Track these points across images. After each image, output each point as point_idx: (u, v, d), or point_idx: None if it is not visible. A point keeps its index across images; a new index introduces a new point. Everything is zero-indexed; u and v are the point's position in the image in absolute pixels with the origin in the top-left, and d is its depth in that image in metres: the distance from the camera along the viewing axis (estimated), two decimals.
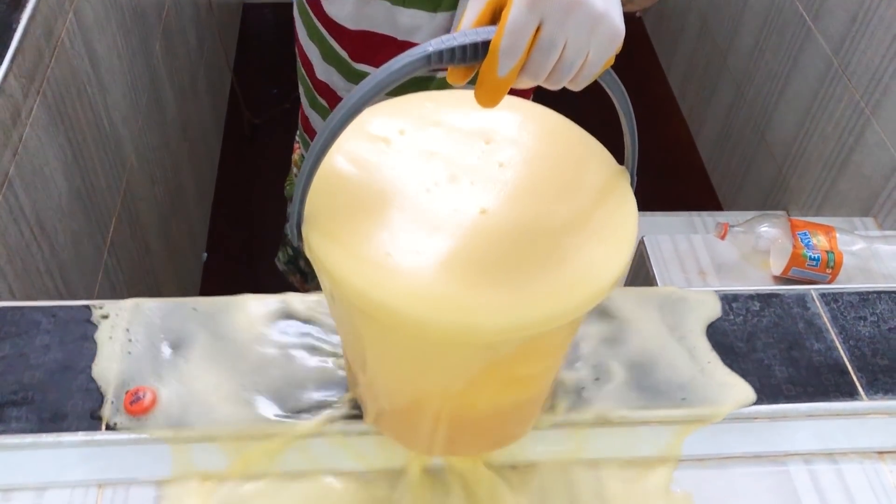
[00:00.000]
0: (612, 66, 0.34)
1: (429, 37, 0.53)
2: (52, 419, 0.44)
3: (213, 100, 1.56)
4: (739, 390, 0.48)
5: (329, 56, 0.66)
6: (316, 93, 0.71)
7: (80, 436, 0.43)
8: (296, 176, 0.92)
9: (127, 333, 0.47)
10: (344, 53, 0.64)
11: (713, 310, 0.51)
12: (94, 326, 0.48)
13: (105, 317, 0.48)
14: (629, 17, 0.35)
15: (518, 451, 0.46)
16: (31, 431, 0.43)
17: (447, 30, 0.61)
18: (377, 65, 0.40)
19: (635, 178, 0.38)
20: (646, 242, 0.85)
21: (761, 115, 1.42)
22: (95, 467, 0.44)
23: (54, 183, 0.74)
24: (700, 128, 1.71)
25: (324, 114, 0.73)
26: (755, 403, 0.47)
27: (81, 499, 0.43)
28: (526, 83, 0.33)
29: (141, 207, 1.02)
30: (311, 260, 0.35)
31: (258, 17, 2.01)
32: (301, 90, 0.76)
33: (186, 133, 1.31)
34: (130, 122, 0.99)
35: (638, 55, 1.96)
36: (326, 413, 0.45)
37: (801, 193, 1.28)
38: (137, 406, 0.44)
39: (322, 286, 0.37)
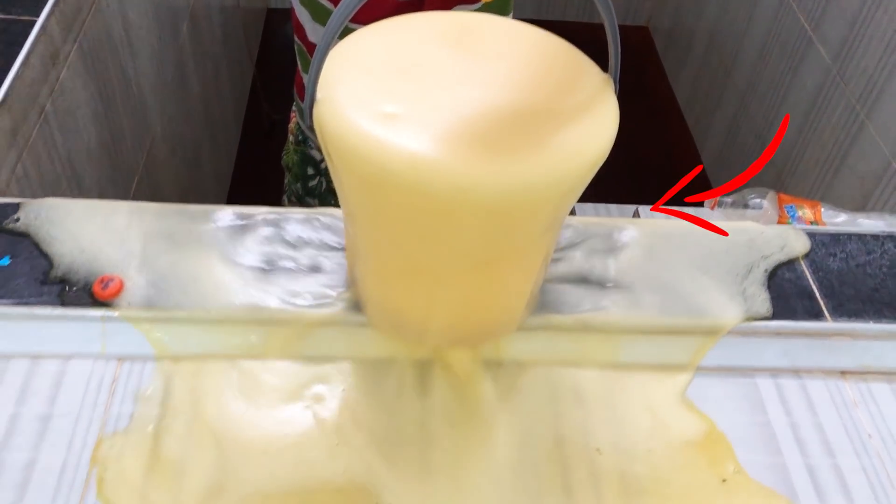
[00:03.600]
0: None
1: None
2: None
3: (235, 93, 1.61)
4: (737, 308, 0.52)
5: (319, 16, 0.70)
6: (309, 56, 0.76)
7: (101, 311, 0.48)
8: (293, 145, 0.97)
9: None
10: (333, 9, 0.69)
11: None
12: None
13: None
14: (639, 33, 0.39)
15: (505, 349, 0.50)
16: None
17: None
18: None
19: (618, 85, 0.43)
20: (639, 213, 0.89)
21: (763, 124, 1.46)
22: (115, 342, 0.48)
23: (85, 129, 0.79)
24: (704, 139, 1.75)
25: None
26: None
27: (102, 369, 0.47)
28: None
29: (161, 175, 1.07)
30: (318, 134, 0.39)
31: (281, 21, 2.07)
32: (298, 59, 0.81)
33: (208, 118, 1.36)
34: (156, 91, 1.04)
35: (647, 70, 2.01)
36: (326, 306, 0.49)
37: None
38: (109, 291, 0.48)
39: (329, 164, 0.42)
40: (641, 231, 0.56)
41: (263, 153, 1.72)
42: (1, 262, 0.50)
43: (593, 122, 0.39)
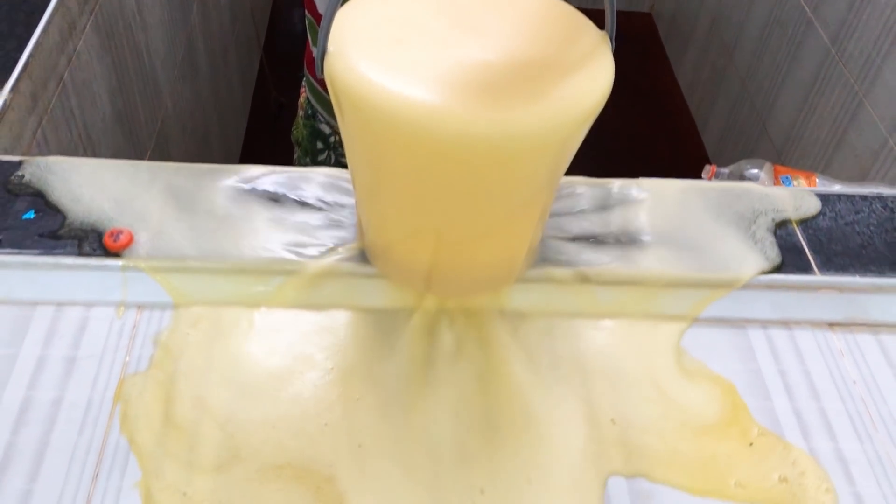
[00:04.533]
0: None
1: None
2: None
3: (242, 75, 1.64)
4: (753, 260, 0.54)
5: None
6: (318, 27, 0.78)
7: (121, 261, 0.50)
8: (302, 119, 0.99)
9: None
10: None
11: None
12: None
13: None
14: (642, 20, 0.41)
15: (506, 300, 0.52)
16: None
17: None
18: None
19: (614, 42, 0.45)
20: None
21: (763, 107, 1.48)
22: (135, 290, 0.50)
23: (100, 99, 0.81)
24: (706, 123, 1.77)
25: None
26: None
27: (123, 315, 0.50)
28: None
29: (172, 152, 1.10)
30: (329, 84, 0.42)
31: (289, 7, 2.10)
32: (308, 32, 0.83)
33: (217, 99, 1.38)
34: (167, 69, 1.06)
35: (649, 55, 2.03)
36: (335, 257, 0.52)
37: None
38: (120, 243, 0.50)
39: (338, 114, 0.44)
40: (643, 188, 0.58)
41: (271, 136, 1.74)
42: (25, 215, 0.52)
43: (590, 75, 0.42)
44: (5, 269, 0.50)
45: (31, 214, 0.52)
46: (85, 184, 0.54)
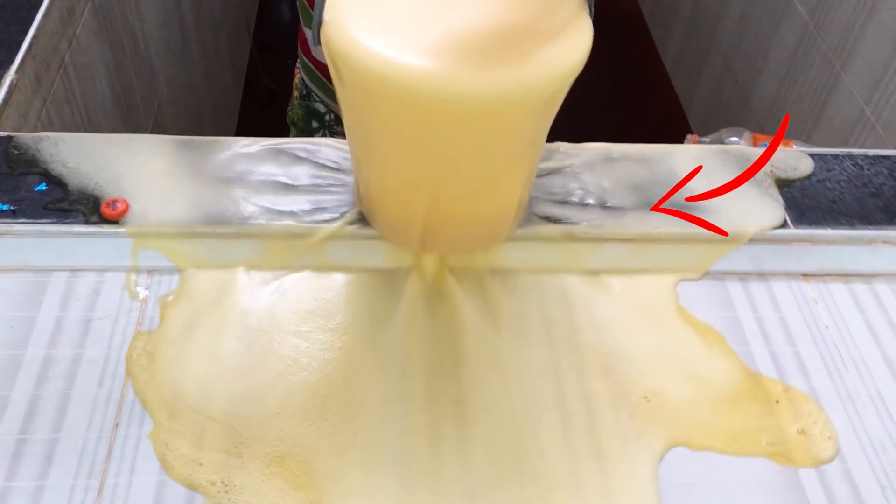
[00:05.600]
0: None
1: None
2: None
3: (233, 62, 1.66)
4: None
5: None
6: (310, 9, 0.81)
7: (132, 228, 0.53)
8: (297, 100, 1.02)
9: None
10: None
11: None
12: None
13: None
14: (627, 1, 0.44)
15: (497, 258, 0.55)
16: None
17: None
18: None
19: (593, 9, 0.48)
20: None
21: (746, 83, 1.51)
22: (145, 256, 0.53)
23: (99, 83, 0.84)
24: (691, 103, 1.80)
25: None
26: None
27: (134, 279, 0.52)
28: None
29: (170, 134, 1.12)
30: (326, 51, 0.44)
31: None
32: (300, 14, 0.85)
33: (210, 85, 1.40)
34: (162, 55, 1.09)
35: (634, 37, 2.05)
36: (335, 220, 0.54)
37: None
38: (118, 211, 0.53)
39: (335, 79, 0.47)
40: (627, 151, 0.61)
41: (264, 120, 1.76)
42: (38, 187, 0.55)
43: (570, 39, 0.44)
44: (21, 238, 0.52)
45: (42, 186, 0.55)
46: (84, 157, 0.56)
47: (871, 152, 0.63)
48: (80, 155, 0.57)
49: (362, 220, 0.55)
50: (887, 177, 0.61)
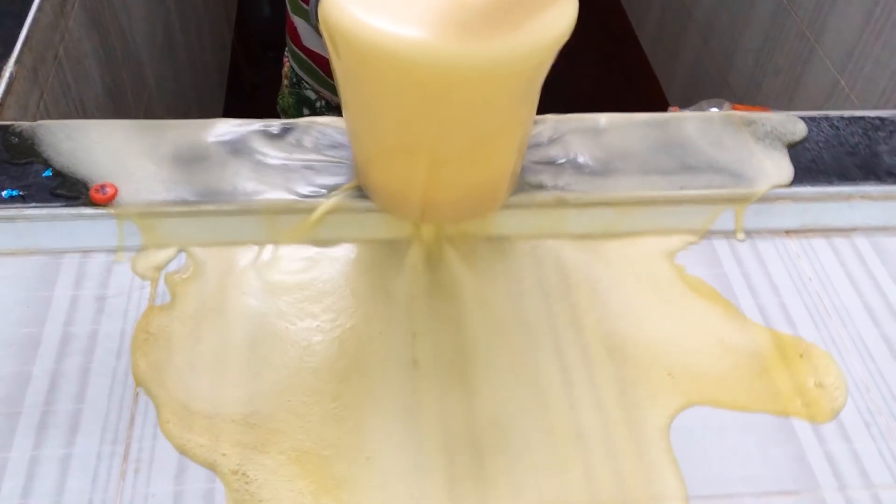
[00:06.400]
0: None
1: None
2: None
3: (216, 57, 1.67)
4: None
5: None
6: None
7: (136, 209, 0.54)
8: (287, 88, 1.04)
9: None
10: None
11: None
12: None
13: None
14: None
15: (494, 226, 0.57)
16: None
17: None
18: None
19: None
20: None
21: (723, 61, 1.54)
22: (151, 236, 0.55)
23: (91, 76, 0.85)
24: (669, 81, 1.83)
25: (306, 17, 0.85)
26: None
27: (144, 258, 0.54)
28: None
29: None
30: (323, 27, 0.46)
31: None
32: (287, 3, 0.87)
33: (195, 80, 1.42)
34: (149, 50, 1.10)
35: (611, 21, 2.08)
36: (336, 194, 0.56)
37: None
38: (107, 196, 0.54)
39: (332, 55, 0.48)
40: (615, 119, 0.63)
41: (248, 113, 1.78)
42: (45, 173, 0.56)
43: (556, 9, 0.46)
44: (32, 222, 0.54)
45: (48, 172, 0.56)
46: (75, 143, 0.58)
47: (847, 113, 0.66)
48: (72, 141, 0.58)
49: (361, 193, 0.57)
50: (862, 136, 0.64)
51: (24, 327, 0.50)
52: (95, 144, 0.58)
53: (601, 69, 1.92)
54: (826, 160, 0.62)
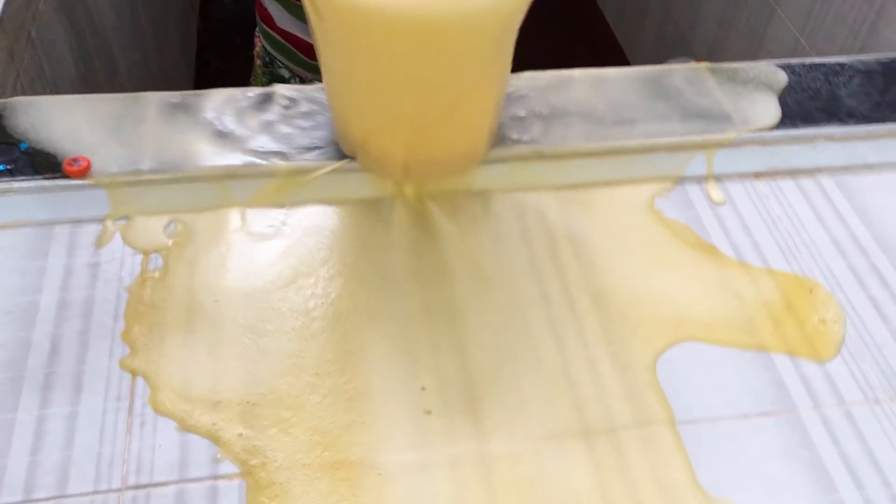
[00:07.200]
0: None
1: None
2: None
3: (182, 43, 1.67)
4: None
5: None
6: None
7: (124, 178, 0.55)
8: (260, 68, 1.05)
9: None
10: None
11: None
12: None
13: None
14: None
15: (475, 180, 0.59)
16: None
17: None
18: None
19: None
20: None
21: (687, 27, 1.57)
22: (137, 206, 0.56)
23: (65, 60, 0.85)
24: (634, 54, 1.86)
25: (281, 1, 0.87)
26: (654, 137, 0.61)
27: (132, 226, 0.55)
28: None
29: None
30: None
31: None
32: None
33: (162, 67, 1.41)
34: (118, 36, 1.10)
35: None
36: (316, 157, 0.58)
37: None
38: (81, 168, 0.55)
39: (313, 20, 0.50)
40: (587, 73, 0.65)
41: None
42: (22, 146, 0.57)
43: None
44: (21, 195, 0.55)
45: (24, 146, 0.57)
46: (44, 119, 0.59)
47: (808, 60, 0.68)
48: (43, 116, 0.59)
49: (343, 155, 0.58)
50: (823, 82, 0.66)
51: (20, 296, 0.50)
52: (66, 119, 0.59)
53: (564, 41, 1.94)
54: (789, 105, 0.64)
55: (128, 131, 0.58)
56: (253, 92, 0.62)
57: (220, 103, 0.61)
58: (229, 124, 0.60)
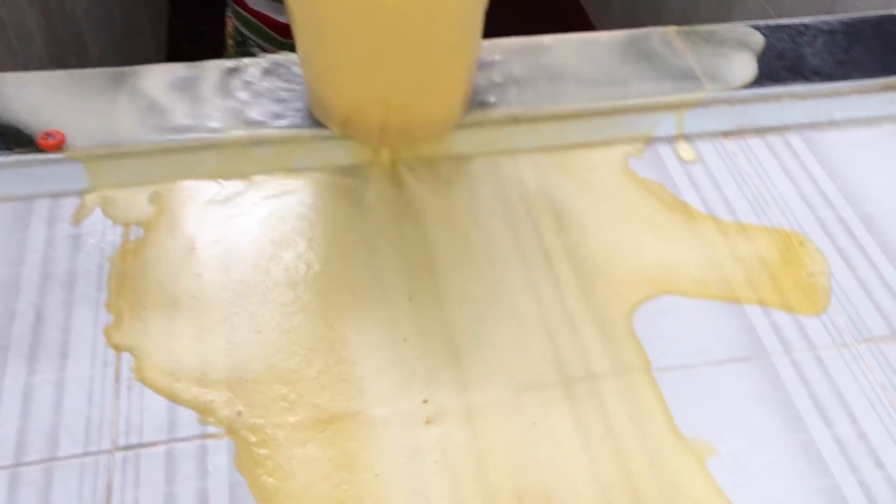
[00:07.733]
0: None
1: None
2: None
3: (153, 30, 1.66)
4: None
5: None
6: None
7: (101, 151, 0.56)
8: (232, 48, 1.05)
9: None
10: None
11: None
12: None
13: None
14: None
15: (451, 145, 0.60)
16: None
17: None
18: None
19: None
20: None
21: (657, 3, 1.58)
22: (117, 178, 0.56)
23: (35, 42, 0.85)
24: (605, 28, 1.87)
25: None
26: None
27: (112, 199, 0.56)
28: None
29: None
30: None
31: None
32: None
33: (134, 52, 1.41)
34: (89, 21, 1.09)
35: None
36: (290, 125, 0.58)
37: None
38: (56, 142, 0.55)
39: None
40: (559, 38, 0.66)
41: None
42: None
43: None
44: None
45: None
46: (11, 95, 0.59)
47: (773, 22, 0.70)
48: (14, 91, 0.59)
49: (318, 123, 0.59)
50: (788, 42, 0.68)
51: (3, 267, 0.51)
52: (38, 93, 0.59)
53: (533, 20, 1.95)
54: (759, 66, 0.66)
55: (100, 105, 0.59)
56: (227, 63, 0.63)
57: (190, 76, 0.62)
58: (206, 94, 0.60)
